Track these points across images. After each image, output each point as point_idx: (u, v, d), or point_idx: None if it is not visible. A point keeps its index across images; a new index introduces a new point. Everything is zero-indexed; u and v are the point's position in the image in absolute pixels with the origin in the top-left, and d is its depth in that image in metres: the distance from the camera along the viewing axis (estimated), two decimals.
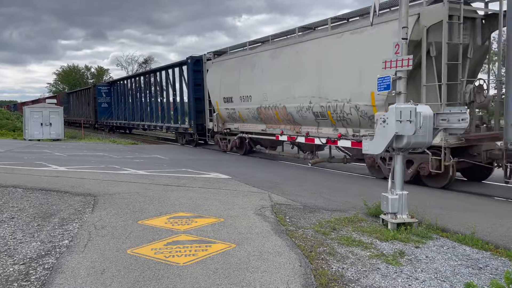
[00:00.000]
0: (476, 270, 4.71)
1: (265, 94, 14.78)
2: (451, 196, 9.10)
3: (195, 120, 20.78)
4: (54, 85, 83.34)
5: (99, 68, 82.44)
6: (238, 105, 16.50)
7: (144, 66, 66.57)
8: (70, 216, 6.72)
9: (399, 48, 6.25)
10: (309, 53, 12.86)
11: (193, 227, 6.07)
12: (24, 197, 8.11)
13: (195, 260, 4.76)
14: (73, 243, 5.36)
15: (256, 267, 4.58)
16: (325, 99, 12.17)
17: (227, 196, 8.36)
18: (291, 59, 13.57)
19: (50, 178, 10.30)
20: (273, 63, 14.43)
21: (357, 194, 8.77)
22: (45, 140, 24.87)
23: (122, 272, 4.40)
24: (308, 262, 4.75)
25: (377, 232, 6.00)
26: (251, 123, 16.36)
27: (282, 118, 14.30)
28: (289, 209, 7.45)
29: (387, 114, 6.10)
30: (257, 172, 12.45)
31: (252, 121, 16.20)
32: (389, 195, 6.24)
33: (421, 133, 5.99)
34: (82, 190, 8.69)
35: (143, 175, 11.05)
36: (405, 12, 6.24)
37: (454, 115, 6.00)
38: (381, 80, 6.48)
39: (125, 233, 5.77)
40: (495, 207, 8.09)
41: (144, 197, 8.07)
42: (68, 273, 4.37)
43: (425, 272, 4.60)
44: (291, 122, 14.03)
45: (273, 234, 5.79)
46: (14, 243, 5.39)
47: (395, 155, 6.33)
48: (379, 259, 4.96)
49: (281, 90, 13.92)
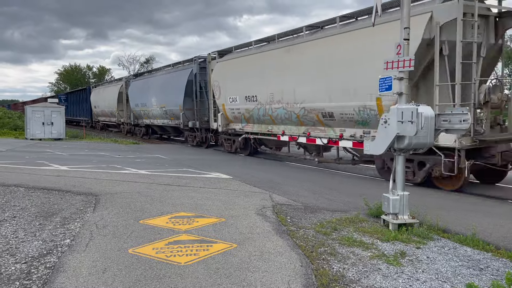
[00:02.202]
0: (477, 271, 4.71)
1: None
2: (451, 197, 9.10)
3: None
4: (55, 85, 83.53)
5: (100, 68, 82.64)
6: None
7: (146, 66, 66.62)
8: (72, 215, 6.74)
9: (401, 48, 6.25)
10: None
11: (194, 227, 6.08)
12: (26, 196, 8.13)
13: (196, 259, 4.77)
14: (74, 242, 5.37)
15: (257, 267, 4.58)
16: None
17: (228, 196, 8.37)
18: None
19: (51, 177, 10.33)
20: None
21: (358, 194, 8.77)
22: (46, 140, 24.90)
23: (123, 272, 4.42)
24: (309, 262, 4.76)
25: (378, 232, 6.00)
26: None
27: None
28: (290, 209, 7.45)
29: (389, 114, 6.10)
30: (258, 172, 12.46)
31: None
32: (390, 196, 6.24)
33: (423, 134, 5.99)
34: (84, 190, 8.71)
35: (144, 175, 11.07)
36: (407, 13, 6.23)
37: (455, 116, 6.00)
38: (382, 81, 6.48)
39: (127, 233, 5.78)
40: (496, 208, 8.08)
41: (145, 197, 8.08)
42: (69, 272, 4.38)
43: (426, 273, 4.60)
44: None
45: (274, 234, 5.80)
46: (16, 242, 5.41)
47: (396, 156, 6.33)
48: (380, 259, 4.97)
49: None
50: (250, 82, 15.75)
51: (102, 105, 35.49)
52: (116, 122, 33.15)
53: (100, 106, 36.28)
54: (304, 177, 11.63)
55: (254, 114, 15.87)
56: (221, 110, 17.94)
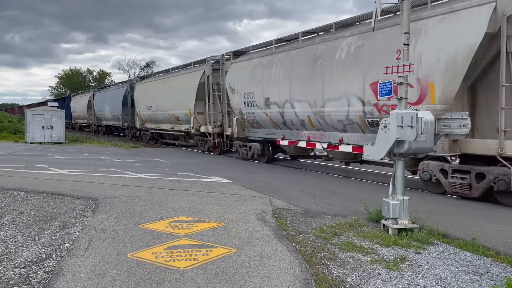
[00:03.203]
0: (477, 276, 4.70)
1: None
2: (451, 202, 9.09)
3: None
4: (56, 88, 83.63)
5: (101, 72, 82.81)
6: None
7: (146, 70, 66.73)
8: (71, 219, 6.73)
9: (401, 53, 6.27)
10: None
11: (194, 231, 6.07)
12: (25, 200, 8.12)
13: (196, 264, 4.76)
14: (74, 246, 5.36)
15: (256, 272, 4.57)
16: None
17: (228, 201, 8.36)
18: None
19: (51, 181, 10.32)
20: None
21: (358, 199, 8.76)
22: (46, 143, 24.90)
23: (122, 276, 4.40)
24: (309, 267, 4.75)
25: (378, 237, 5.99)
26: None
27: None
28: (290, 213, 7.44)
29: (388, 119, 6.11)
30: (258, 176, 12.45)
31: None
32: (390, 201, 6.23)
33: (422, 139, 6.00)
34: (83, 194, 8.70)
35: (144, 179, 11.06)
36: (406, 18, 6.24)
37: (455, 120, 6.02)
38: (382, 86, 6.49)
39: (126, 237, 5.77)
40: (496, 212, 8.07)
41: (145, 201, 8.07)
42: (68, 277, 4.37)
43: (426, 278, 4.59)
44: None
45: (274, 239, 5.79)
46: (15, 246, 5.39)
47: (396, 160, 6.33)
48: (380, 264, 4.96)
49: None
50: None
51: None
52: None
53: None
54: (304, 181, 11.62)
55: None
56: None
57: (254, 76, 15.47)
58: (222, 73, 18.26)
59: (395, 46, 8.74)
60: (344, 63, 11.41)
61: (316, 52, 12.60)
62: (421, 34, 9.31)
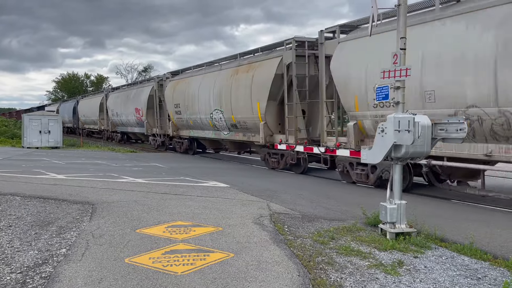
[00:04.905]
0: (474, 281, 4.70)
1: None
2: (448, 205, 9.10)
3: None
4: (53, 93, 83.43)
5: (98, 76, 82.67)
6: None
7: (144, 75, 66.69)
8: (68, 224, 6.70)
9: (397, 58, 6.29)
10: None
11: (191, 236, 6.05)
12: (22, 205, 8.08)
13: (193, 269, 4.74)
14: (70, 251, 5.34)
15: (254, 276, 4.56)
16: None
17: (225, 205, 8.34)
18: None
19: (48, 186, 10.28)
20: None
21: (356, 203, 8.76)
22: (43, 148, 24.84)
23: (119, 281, 4.38)
24: (307, 272, 4.74)
25: (375, 241, 5.99)
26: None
27: None
28: (288, 218, 7.43)
29: (386, 123, 6.12)
30: (255, 180, 12.44)
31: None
32: (388, 205, 6.24)
33: (420, 143, 6.01)
34: (80, 198, 8.67)
35: (141, 184, 11.03)
36: (403, 23, 6.27)
37: (452, 125, 6.03)
38: (379, 90, 6.52)
39: (123, 242, 5.74)
40: (493, 216, 8.08)
41: (142, 206, 8.05)
42: (65, 282, 4.34)
43: (423, 282, 4.59)
44: None
45: (272, 243, 5.77)
46: (12, 252, 5.36)
47: (394, 165, 6.34)
48: (377, 269, 4.95)
49: None
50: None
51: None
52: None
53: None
54: (301, 186, 11.62)
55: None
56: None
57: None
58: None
59: None
60: None
61: None
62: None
